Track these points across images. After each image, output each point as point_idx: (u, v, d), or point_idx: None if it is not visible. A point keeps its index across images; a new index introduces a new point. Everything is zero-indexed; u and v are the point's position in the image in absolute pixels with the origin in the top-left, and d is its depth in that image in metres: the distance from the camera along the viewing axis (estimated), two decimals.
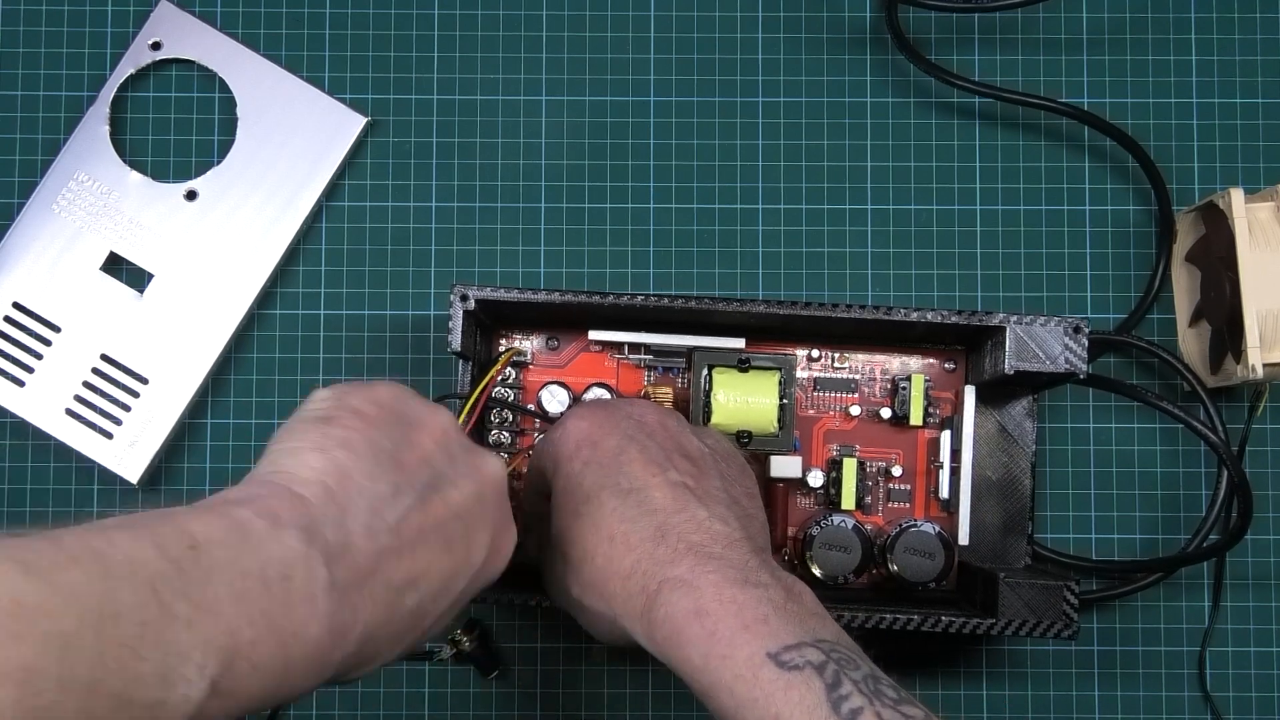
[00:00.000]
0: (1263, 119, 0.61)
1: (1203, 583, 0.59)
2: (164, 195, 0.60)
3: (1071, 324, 0.51)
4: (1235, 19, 0.61)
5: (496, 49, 0.61)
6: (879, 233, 0.60)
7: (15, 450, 0.59)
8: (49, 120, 0.61)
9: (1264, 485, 0.59)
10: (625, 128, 0.61)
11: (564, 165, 0.61)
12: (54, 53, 0.61)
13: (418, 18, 0.61)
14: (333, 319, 0.60)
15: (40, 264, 0.59)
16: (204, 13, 0.61)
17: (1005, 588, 0.50)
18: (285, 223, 0.59)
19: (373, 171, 0.61)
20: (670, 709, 0.58)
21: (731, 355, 0.54)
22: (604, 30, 0.61)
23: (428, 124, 0.61)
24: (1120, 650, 0.59)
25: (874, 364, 0.57)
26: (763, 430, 0.54)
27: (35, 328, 0.58)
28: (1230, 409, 0.59)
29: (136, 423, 0.58)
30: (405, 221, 0.60)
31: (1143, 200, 0.60)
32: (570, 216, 0.60)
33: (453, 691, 0.58)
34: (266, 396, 0.60)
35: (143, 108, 0.61)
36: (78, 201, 0.59)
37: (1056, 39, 0.61)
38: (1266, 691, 0.59)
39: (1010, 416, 0.56)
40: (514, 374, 0.56)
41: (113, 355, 0.58)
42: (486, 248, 0.60)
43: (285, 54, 0.61)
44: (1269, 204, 0.55)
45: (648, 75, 0.61)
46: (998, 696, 0.58)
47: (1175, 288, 0.60)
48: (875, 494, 0.56)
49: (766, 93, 0.61)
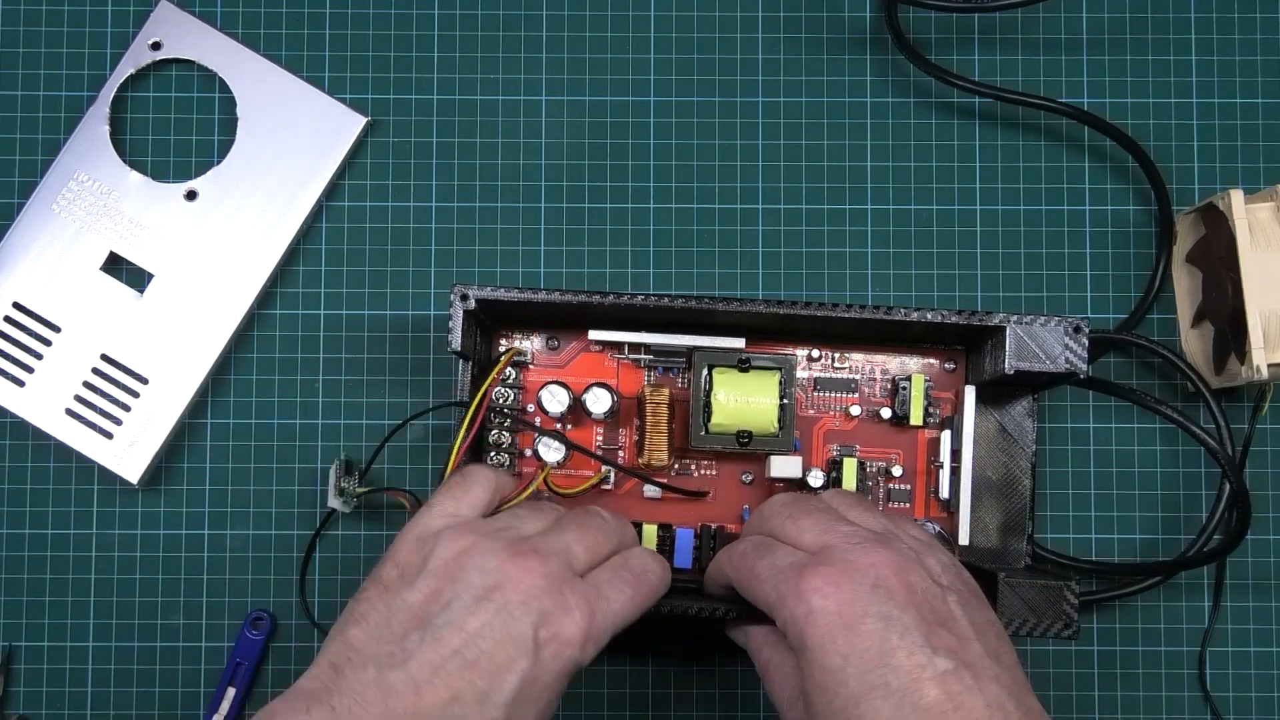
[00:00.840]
0: (1263, 119, 0.61)
1: (1203, 583, 0.59)
2: (164, 195, 0.60)
3: (1072, 324, 0.51)
4: (1235, 19, 0.61)
5: (496, 49, 0.61)
6: (879, 233, 0.60)
7: (15, 450, 0.59)
8: (49, 120, 0.61)
9: (1266, 485, 0.59)
10: (625, 128, 0.61)
11: (564, 165, 0.61)
12: (54, 53, 0.61)
13: (418, 18, 0.61)
14: (333, 319, 0.60)
15: (40, 264, 0.59)
16: (204, 13, 0.61)
17: (1005, 587, 0.50)
18: (285, 223, 0.59)
19: (373, 171, 0.61)
20: (670, 709, 0.58)
21: (732, 355, 0.54)
22: (604, 30, 0.61)
23: (428, 124, 0.61)
24: (1120, 650, 0.59)
25: (874, 364, 0.57)
26: (763, 430, 0.54)
27: (35, 328, 0.58)
28: (1234, 409, 0.59)
29: (136, 423, 0.58)
30: (405, 221, 0.60)
31: (1143, 200, 0.60)
32: (570, 216, 0.60)
33: None
34: (266, 396, 0.60)
35: (143, 108, 0.61)
36: (78, 201, 0.59)
37: (1056, 39, 0.61)
38: (1266, 691, 0.59)
39: (1010, 416, 0.56)
40: (514, 374, 0.56)
41: (113, 355, 0.58)
42: (486, 248, 0.60)
43: (285, 54, 0.61)
44: (1269, 204, 0.55)
45: (648, 75, 0.61)
46: None
47: (1176, 289, 0.60)
48: (875, 494, 0.56)
49: (766, 93, 0.61)
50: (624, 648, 0.45)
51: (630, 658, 0.58)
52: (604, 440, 0.57)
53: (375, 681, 0.41)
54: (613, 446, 0.57)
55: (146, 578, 0.59)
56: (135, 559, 0.59)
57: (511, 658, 0.41)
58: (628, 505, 0.56)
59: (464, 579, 0.43)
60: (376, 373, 0.60)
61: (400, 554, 0.45)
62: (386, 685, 0.41)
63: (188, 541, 0.59)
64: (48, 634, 0.59)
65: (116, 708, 0.58)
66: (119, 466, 0.58)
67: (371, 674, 0.41)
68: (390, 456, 0.59)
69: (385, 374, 0.60)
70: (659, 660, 0.59)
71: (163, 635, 0.59)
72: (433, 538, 0.44)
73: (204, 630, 0.59)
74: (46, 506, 0.59)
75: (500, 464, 0.56)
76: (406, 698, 0.40)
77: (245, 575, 0.59)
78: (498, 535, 0.45)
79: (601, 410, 0.54)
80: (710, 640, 0.58)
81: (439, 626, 0.42)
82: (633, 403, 0.56)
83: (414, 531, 0.45)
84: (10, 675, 0.58)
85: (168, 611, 0.59)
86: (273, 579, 0.59)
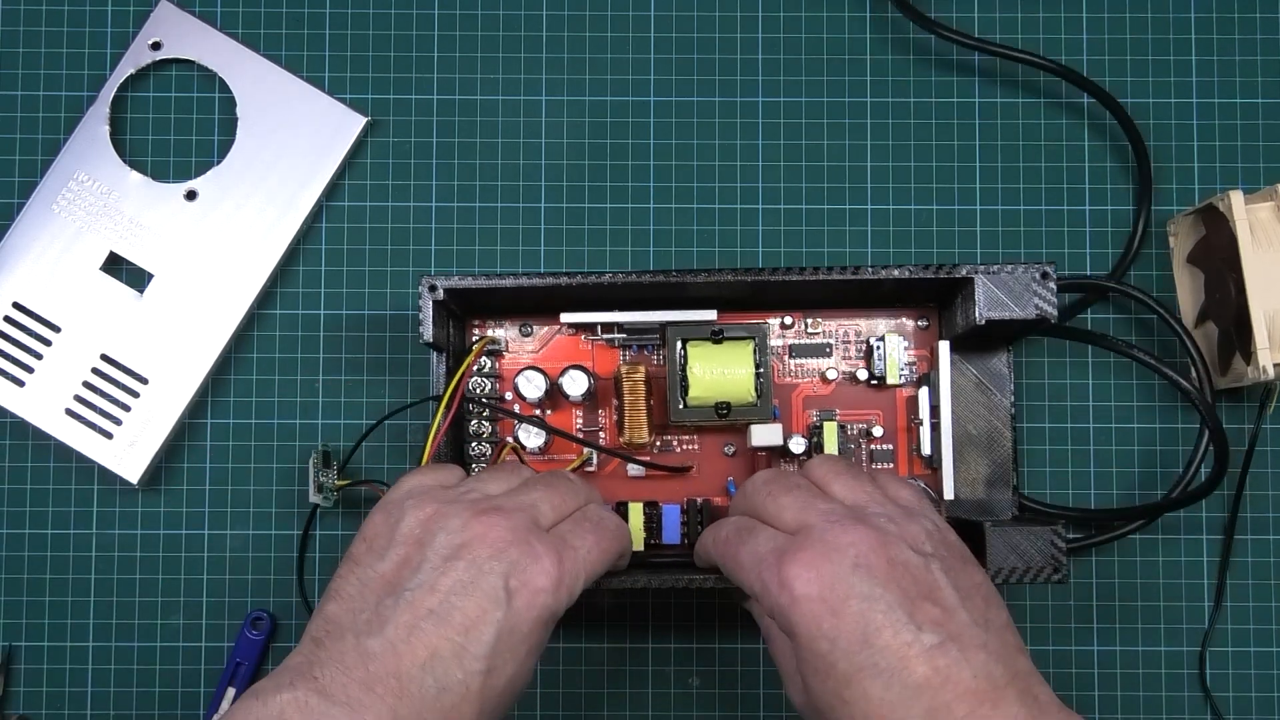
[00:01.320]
0: (1263, 119, 0.61)
1: (1203, 583, 0.59)
2: (164, 195, 0.60)
3: (1039, 269, 0.51)
4: (1235, 19, 0.61)
5: (496, 49, 0.61)
6: (879, 233, 0.60)
7: (15, 450, 0.59)
8: (49, 120, 0.61)
9: (1267, 485, 0.59)
10: (625, 128, 0.61)
11: (564, 165, 0.61)
12: (54, 53, 0.61)
13: (418, 18, 0.61)
14: (333, 319, 0.60)
15: (40, 264, 0.59)
16: (204, 13, 0.61)
17: (992, 535, 0.50)
18: (285, 223, 0.59)
19: (373, 171, 0.61)
20: (670, 709, 0.59)
21: (704, 328, 0.54)
22: (604, 30, 0.61)
23: (428, 124, 0.61)
24: (1120, 650, 0.59)
25: (847, 327, 0.57)
26: (741, 400, 0.54)
27: (35, 328, 0.58)
28: (1235, 409, 0.59)
29: (136, 423, 0.58)
30: (405, 221, 0.60)
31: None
32: (570, 216, 0.60)
33: None
34: (266, 396, 0.60)
35: (143, 108, 0.61)
36: (78, 201, 0.59)
37: (1056, 39, 0.61)
38: (1266, 691, 0.59)
39: (987, 370, 0.56)
40: (490, 363, 0.57)
41: (113, 355, 0.58)
42: (486, 248, 0.60)
43: (285, 54, 0.61)
44: (1269, 204, 0.55)
45: (648, 75, 0.61)
46: None
47: (1179, 289, 0.60)
48: (858, 456, 0.57)
49: (766, 93, 0.61)
50: (624, 627, 0.45)
51: (630, 658, 0.58)
52: (584, 423, 0.57)
53: (354, 648, 0.41)
54: (593, 428, 0.57)
55: (146, 578, 0.59)
56: (135, 559, 0.59)
57: (485, 610, 0.42)
58: (612, 485, 0.57)
59: (431, 543, 0.44)
60: (376, 373, 0.60)
61: (369, 529, 0.46)
62: (365, 651, 0.41)
63: (188, 541, 0.59)
64: (48, 634, 0.59)
65: (116, 708, 0.58)
66: (119, 466, 0.58)
67: (350, 642, 0.42)
68: (389, 456, 0.59)
69: (385, 374, 0.60)
70: (658, 637, 0.59)
71: (163, 635, 0.59)
72: (398, 508, 0.45)
73: (204, 630, 0.59)
74: (46, 506, 0.59)
75: (482, 454, 0.56)
76: (386, 660, 0.41)
77: (245, 575, 0.59)
78: (461, 498, 0.46)
79: (579, 393, 0.55)
80: (709, 617, 0.59)
81: (411, 589, 0.42)
82: (610, 383, 0.56)
83: (381, 506, 0.46)
84: (10, 675, 0.58)
85: (168, 611, 0.59)
86: (272, 579, 0.59)
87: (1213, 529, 0.59)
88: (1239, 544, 0.59)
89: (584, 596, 0.46)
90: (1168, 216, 0.60)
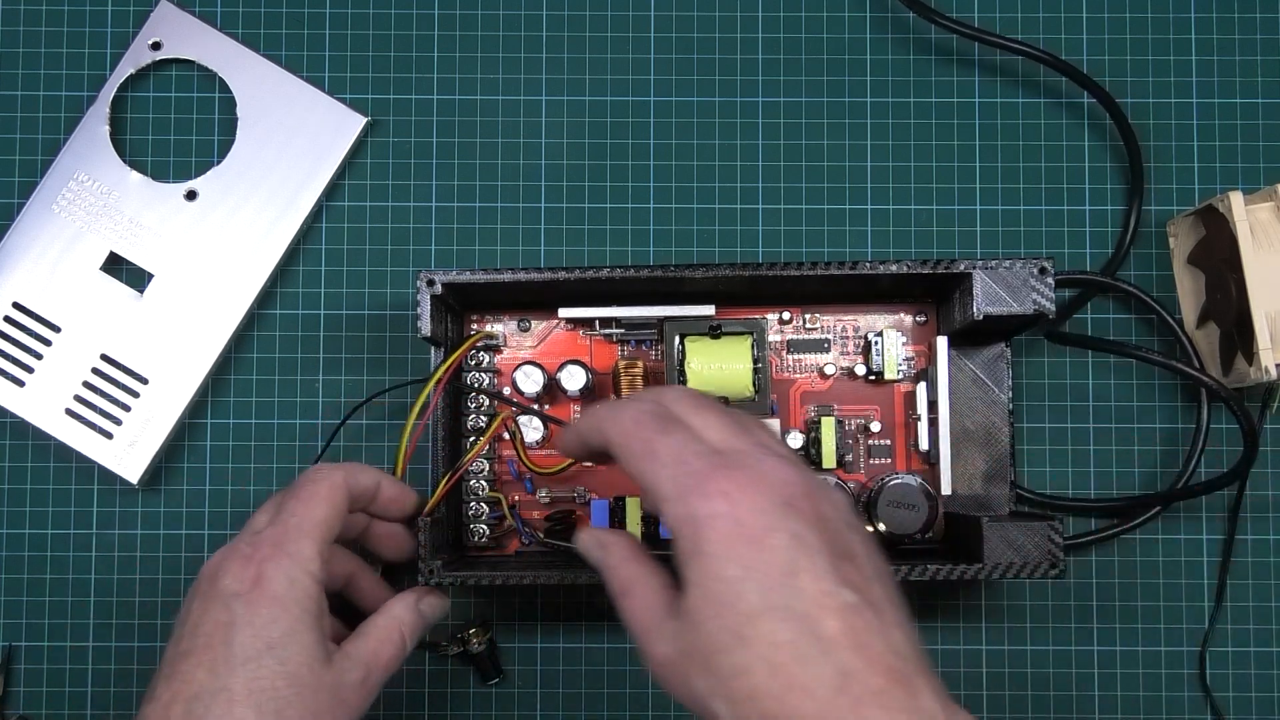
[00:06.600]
0: (1263, 119, 0.61)
1: (1203, 582, 0.59)
2: (164, 195, 0.60)
3: (1038, 265, 0.51)
4: (1235, 19, 0.61)
5: (496, 49, 0.61)
6: (879, 232, 0.60)
7: (15, 450, 0.59)
8: (49, 120, 0.61)
9: (1270, 486, 0.59)
10: (625, 127, 0.61)
11: (564, 165, 0.61)
12: (54, 53, 0.61)
13: (418, 18, 0.61)
14: (333, 319, 0.60)
15: (40, 264, 0.59)
16: (204, 13, 0.61)
17: (989, 529, 0.50)
18: (285, 223, 0.59)
19: (372, 171, 0.61)
20: (670, 709, 0.58)
21: (702, 323, 0.54)
22: (604, 30, 0.61)
23: (428, 124, 0.61)
24: (1120, 650, 0.59)
25: (845, 322, 0.57)
26: (739, 395, 0.54)
27: (35, 328, 0.58)
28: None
29: (136, 423, 0.58)
30: (405, 221, 0.60)
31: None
32: (570, 216, 0.60)
33: (452, 691, 0.59)
34: (266, 396, 0.60)
35: (143, 108, 0.61)
36: (78, 201, 0.59)
37: (1057, 38, 0.61)
38: (1266, 691, 0.59)
39: (985, 365, 0.56)
40: (488, 358, 0.57)
41: (113, 355, 0.58)
42: (486, 248, 0.60)
43: (285, 54, 0.61)
44: (1269, 204, 0.55)
45: (648, 75, 0.61)
46: (996, 677, 0.58)
47: (1179, 290, 0.60)
48: (856, 451, 0.57)
49: (766, 92, 0.61)
50: (623, 627, 0.44)
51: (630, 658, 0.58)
52: None
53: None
54: None
55: (146, 578, 0.59)
56: (135, 559, 0.59)
57: (220, 623, 0.46)
58: (611, 480, 0.57)
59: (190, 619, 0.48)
60: (375, 372, 0.60)
61: None
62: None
63: (188, 541, 0.59)
64: (48, 634, 0.59)
65: (116, 708, 0.58)
66: (119, 466, 0.58)
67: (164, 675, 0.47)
68: (385, 457, 0.59)
69: (385, 374, 0.60)
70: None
71: (163, 635, 0.59)
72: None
73: None
74: (46, 506, 0.59)
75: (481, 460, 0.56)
76: (157, 713, 0.45)
77: None
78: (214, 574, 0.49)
79: (577, 387, 0.55)
80: None
81: (180, 653, 0.46)
82: (608, 378, 0.57)
83: None
84: (10, 675, 0.58)
85: (168, 611, 0.59)
86: None
87: (1213, 529, 0.59)
88: (1239, 544, 0.59)
89: (584, 597, 0.45)
90: (1167, 217, 0.60)
